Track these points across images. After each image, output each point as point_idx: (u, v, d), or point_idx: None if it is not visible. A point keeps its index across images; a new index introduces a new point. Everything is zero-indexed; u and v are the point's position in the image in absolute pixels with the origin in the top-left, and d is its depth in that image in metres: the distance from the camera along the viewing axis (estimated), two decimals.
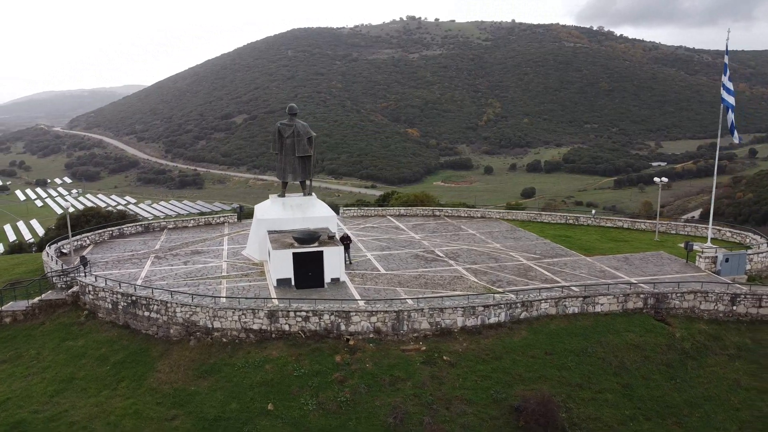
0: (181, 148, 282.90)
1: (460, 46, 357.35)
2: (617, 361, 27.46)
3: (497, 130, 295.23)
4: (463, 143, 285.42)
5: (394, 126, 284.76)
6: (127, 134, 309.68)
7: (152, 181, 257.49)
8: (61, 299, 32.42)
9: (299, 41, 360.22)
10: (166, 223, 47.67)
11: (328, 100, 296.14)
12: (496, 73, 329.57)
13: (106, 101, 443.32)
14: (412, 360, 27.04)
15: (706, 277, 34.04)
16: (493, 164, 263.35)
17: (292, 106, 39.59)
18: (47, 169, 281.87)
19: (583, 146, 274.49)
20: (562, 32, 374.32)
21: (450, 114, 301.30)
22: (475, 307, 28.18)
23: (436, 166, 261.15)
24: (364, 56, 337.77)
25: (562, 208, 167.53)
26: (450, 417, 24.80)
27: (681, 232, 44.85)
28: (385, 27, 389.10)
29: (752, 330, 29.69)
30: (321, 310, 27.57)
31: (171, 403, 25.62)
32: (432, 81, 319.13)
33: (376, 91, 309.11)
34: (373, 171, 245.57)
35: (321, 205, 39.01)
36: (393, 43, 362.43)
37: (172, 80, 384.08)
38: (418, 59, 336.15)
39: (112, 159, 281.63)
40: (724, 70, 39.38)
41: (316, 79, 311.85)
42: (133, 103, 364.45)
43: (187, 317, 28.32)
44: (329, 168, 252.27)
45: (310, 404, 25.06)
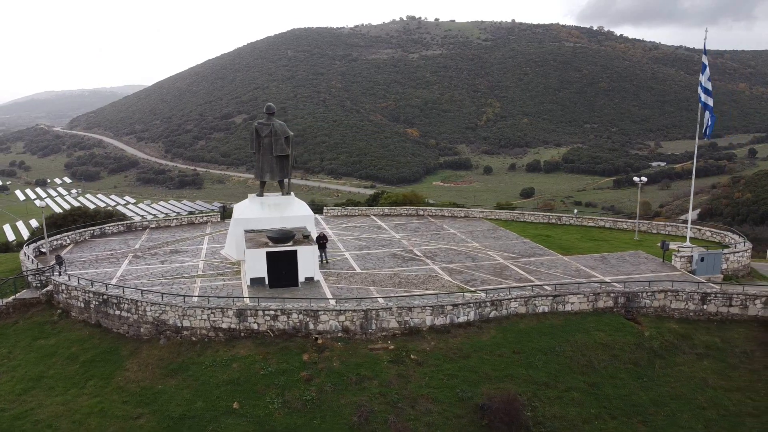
0: (181, 148, 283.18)
1: (460, 46, 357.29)
2: (585, 360, 27.50)
3: (497, 130, 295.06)
4: (463, 143, 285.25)
5: (393, 126, 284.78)
6: (126, 134, 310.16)
7: (152, 181, 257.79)
8: (36, 298, 32.57)
9: (299, 41, 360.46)
10: (148, 223, 47.80)
11: (328, 100, 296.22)
12: (496, 73, 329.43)
13: (106, 101, 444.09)
14: (380, 359, 27.09)
15: (681, 276, 34.02)
16: (493, 164, 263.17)
17: (269, 106, 39.69)
18: (47, 169, 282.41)
19: (583, 146, 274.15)
20: (562, 32, 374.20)
21: (449, 114, 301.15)
22: (444, 306, 28.23)
23: (436, 166, 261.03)
24: (364, 56, 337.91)
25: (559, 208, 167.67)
26: (415, 416, 24.85)
27: (662, 231, 44.83)
28: (385, 27, 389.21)
29: (722, 329, 29.69)
30: (289, 309, 27.64)
31: (137, 401, 25.71)
32: (432, 81, 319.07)
33: (376, 91, 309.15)
34: (372, 171, 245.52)
35: (299, 205, 39.08)
36: (393, 43, 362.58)
37: (172, 80, 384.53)
38: (417, 59, 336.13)
39: (112, 159, 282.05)
40: (702, 70, 39.50)
41: (315, 79, 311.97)
42: (133, 103, 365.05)
43: (156, 316, 28.40)
44: (328, 168, 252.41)
45: (276, 403, 25.13)
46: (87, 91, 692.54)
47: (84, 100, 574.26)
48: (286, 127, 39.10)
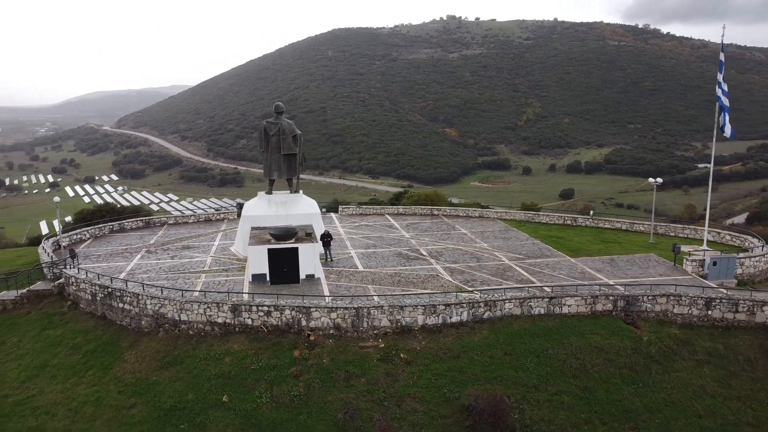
0: (223, 147, 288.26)
1: (501, 45, 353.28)
2: (578, 364, 27.04)
3: (537, 130, 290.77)
4: (502, 143, 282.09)
5: (432, 126, 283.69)
6: (171, 133, 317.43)
7: (194, 179, 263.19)
8: (48, 290, 33.82)
9: (339, 41, 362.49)
10: (166, 219, 48.97)
11: (367, 99, 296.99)
12: (537, 72, 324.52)
13: (152, 101, 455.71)
14: (369, 357, 27.21)
15: (691, 281, 33.08)
16: (532, 165, 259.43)
17: (278, 105, 40.21)
18: (95, 166, 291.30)
19: (626, 147, 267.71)
20: (606, 30, 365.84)
21: (488, 114, 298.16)
22: (436, 305, 28.16)
23: (474, 166, 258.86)
24: (404, 56, 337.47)
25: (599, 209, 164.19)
26: (400, 414, 24.90)
27: (680, 234, 43.60)
28: (425, 27, 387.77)
29: (726, 336, 28.75)
30: (282, 306, 28.00)
31: (131, 392, 26.48)
32: (471, 80, 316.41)
33: (415, 90, 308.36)
34: (409, 171, 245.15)
35: (306, 203, 39.51)
36: (432, 42, 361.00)
37: (215, 80, 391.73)
38: (457, 59, 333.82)
39: (157, 157, 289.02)
40: (720, 68, 38.51)
41: (355, 79, 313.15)
42: (177, 103, 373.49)
43: (156, 309, 29.16)
44: (366, 167, 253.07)
45: (264, 397, 25.52)
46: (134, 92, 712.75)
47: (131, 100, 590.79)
48: (294, 126, 39.58)
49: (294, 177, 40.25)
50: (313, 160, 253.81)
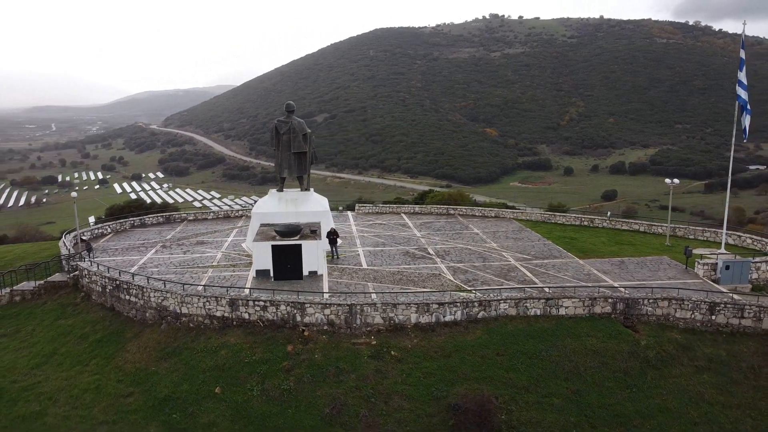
0: (265, 146, 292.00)
1: (544, 44, 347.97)
2: (571, 366, 26.65)
3: (580, 130, 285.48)
4: (543, 143, 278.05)
5: (472, 125, 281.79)
6: (215, 132, 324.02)
7: (236, 177, 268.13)
8: (64, 282, 35.20)
9: (381, 41, 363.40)
10: (186, 215, 50.23)
11: (407, 99, 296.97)
12: (581, 71, 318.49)
13: (198, 100, 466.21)
14: (361, 353, 27.44)
15: (701, 284, 32.18)
16: (574, 165, 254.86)
17: (289, 104, 40.79)
18: (143, 164, 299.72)
19: (673, 147, 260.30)
20: (653, 28, 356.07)
21: (530, 113, 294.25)
22: (430, 304, 28.18)
23: (514, 166, 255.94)
24: (445, 55, 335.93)
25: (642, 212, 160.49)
26: (387, 411, 25.06)
27: (699, 237, 42.34)
28: (467, 26, 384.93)
29: (730, 342, 27.87)
30: (278, 301, 28.49)
31: (130, 381, 27.41)
32: (513, 80, 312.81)
33: (456, 90, 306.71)
34: (448, 170, 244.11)
35: (315, 201, 39.97)
36: (474, 41, 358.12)
37: (258, 80, 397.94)
38: (499, 58, 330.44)
39: (201, 155, 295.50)
40: (740, 66, 37.41)
41: (396, 78, 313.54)
42: (222, 102, 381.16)
43: (159, 302, 30.05)
44: (405, 167, 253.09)
45: (255, 390, 26.05)
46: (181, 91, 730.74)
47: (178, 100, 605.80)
48: (304, 124, 40.09)
49: (304, 175, 40.73)
50: (353, 159, 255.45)
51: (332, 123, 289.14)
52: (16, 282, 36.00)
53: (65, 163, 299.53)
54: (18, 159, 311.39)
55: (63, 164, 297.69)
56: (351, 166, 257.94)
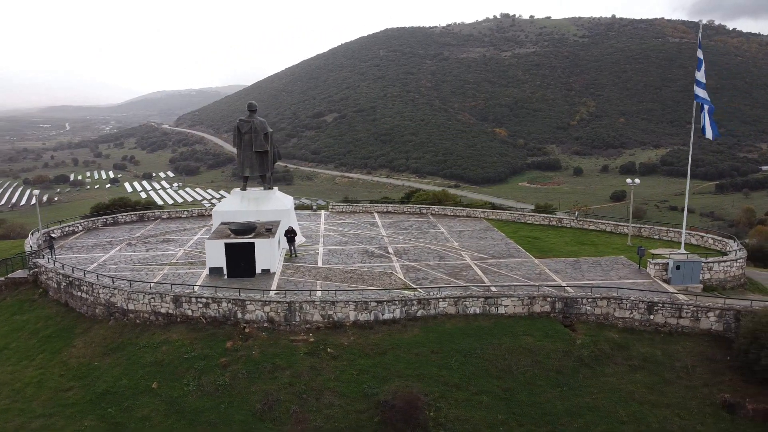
0: None
1: (555, 43, 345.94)
2: (504, 364, 26.77)
3: (590, 129, 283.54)
4: (553, 143, 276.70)
5: (481, 125, 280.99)
6: (226, 131, 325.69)
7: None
8: (24, 278, 35.89)
9: (391, 41, 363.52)
10: (160, 214, 50.90)
11: (417, 99, 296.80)
12: (592, 70, 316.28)
13: (210, 100, 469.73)
14: (298, 350, 27.75)
15: (650, 284, 32.13)
16: (584, 165, 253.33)
17: (251, 103, 41.26)
18: (154, 163, 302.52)
19: (684, 148, 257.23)
20: (666, 27, 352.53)
21: (540, 113, 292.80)
22: (368, 302, 28.42)
23: (523, 166, 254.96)
24: (455, 55, 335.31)
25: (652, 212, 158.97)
26: (317, 408, 25.35)
27: (663, 237, 42.13)
28: (478, 25, 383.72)
29: (667, 341, 27.82)
30: (219, 298, 28.90)
31: (72, 375, 27.95)
32: (523, 79, 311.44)
33: (465, 90, 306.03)
34: (457, 170, 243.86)
35: (277, 199, 40.33)
36: (485, 41, 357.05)
37: (269, 80, 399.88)
38: (510, 57, 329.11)
39: (211, 155, 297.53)
40: (698, 65, 37.37)
41: (405, 78, 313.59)
42: (233, 102, 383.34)
43: (107, 298, 30.61)
44: (413, 167, 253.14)
45: (192, 385, 26.45)
46: (194, 91, 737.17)
47: (191, 99, 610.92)
48: (266, 124, 40.50)
49: (267, 174, 41.11)
50: (362, 159, 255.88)
51: (342, 123, 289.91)
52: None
53: (78, 162, 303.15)
54: (32, 158, 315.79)
55: (75, 163, 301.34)
56: (360, 165, 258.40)
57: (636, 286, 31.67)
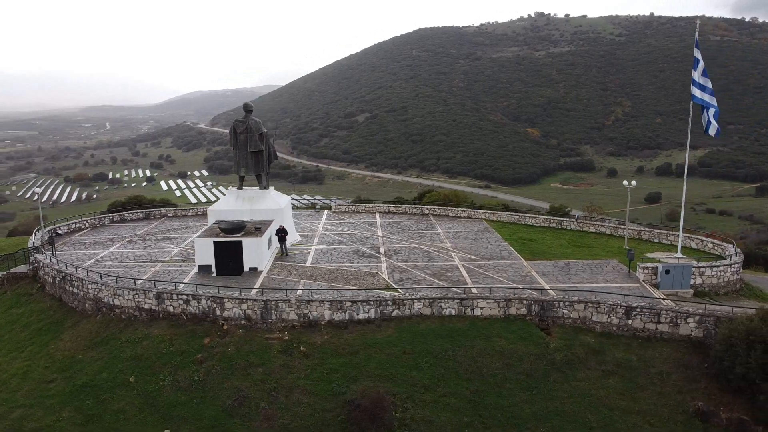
0: (306, 145, 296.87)
1: (591, 42, 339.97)
2: (474, 367, 26.65)
3: (625, 130, 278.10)
4: (587, 144, 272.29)
5: (513, 125, 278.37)
6: None
7: (277, 176, 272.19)
8: (25, 273, 37.16)
9: (424, 41, 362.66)
10: (166, 212, 51.97)
11: (449, 99, 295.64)
12: (628, 69, 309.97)
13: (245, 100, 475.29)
14: (272, 348, 28.11)
15: (637, 289, 31.52)
16: (618, 166, 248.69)
17: (246, 104, 41.80)
18: (189, 162, 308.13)
19: (723, 149, 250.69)
20: (707, 25, 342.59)
21: (574, 113, 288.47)
22: (343, 302, 28.61)
23: (555, 167, 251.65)
24: (488, 54, 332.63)
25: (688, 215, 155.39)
26: (286, 405, 25.71)
27: (663, 240, 41.17)
28: (512, 24, 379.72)
29: (644, 347, 27.25)
30: (199, 295, 29.47)
31: (56, 368, 28.89)
32: (557, 79, 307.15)
33: (498, 89, 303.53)
34: (487, 171, 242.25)
35: (272, 199, 40.78)
36: (519, 40, 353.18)
37: (303, 80, 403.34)
38: (543, 57, 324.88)
39: None
40: (695, 65, 36.65)
41: (437, 78, 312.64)
42: (267, 102, 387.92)
43: (95, 294, 31.50)
44: (444, 167, 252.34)
45: (167, 380, 27.08)
46: (230, 91, 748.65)
47: (227, 99, 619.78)
48: (261, 124, 41.02)
49: (262, 173, 41.65)
50: (392, 159, 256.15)
51: (373, 123, 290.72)
52: None
53: (116, 160, 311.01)
54: (73, 156, 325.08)
55: (114, 162, 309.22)
56: (390, 165, 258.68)
57: (622, 290, 31.13)
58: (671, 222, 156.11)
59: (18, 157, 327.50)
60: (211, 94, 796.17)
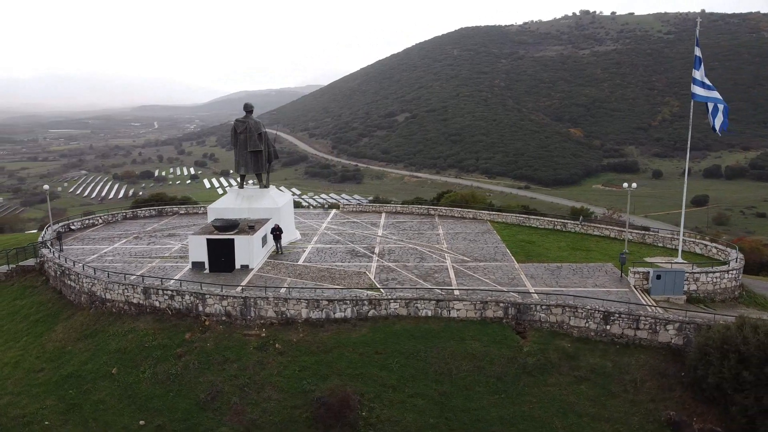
0: (346, 145, 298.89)
1: (637, 40, 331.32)
2: (445, 368, 26.53)
3: (672, 131, 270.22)
4: (632, 145, 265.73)
5: (555, 125, 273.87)
6: (301, 131, 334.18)
7: (317, 175, 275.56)
8: (32, 266, 38.71)
9: (466, 40, 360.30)
10: (178, 209, 53.21)
11: (489, 98, 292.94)
12: (677, 68, 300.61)
13: (288, 100, 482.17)
14: (248, 344, 28.61)
15: (626, 294, 30.78)
16: (663, 168, 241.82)
17: (247, 104, 42.41)
18: (232, 161, 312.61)
19: None
20: (761, 22, 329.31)
21: (619, 113, 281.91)
22: (320, 300, 28.87)
23: (597, 168, 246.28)
24: (531, 54, 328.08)
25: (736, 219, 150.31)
26: (256, 401, 26.15)
27: (668, 245, 39.96)
28: (556, 23, 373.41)
29: (621, 353, 26.60)
30: (183, 291, 30.19)
31: (46, 358, 30.06)
32: (602, 78, 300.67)
33: (540, 89, 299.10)
34: (527, 171, 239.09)
35: (270, 198, 41.33)
36: (563, 39, 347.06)
37: (344, 80, 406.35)
38: (588, 55, 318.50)
39: (285, 153, 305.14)
40: (695, 64, 35.77)
41: (478, 77, 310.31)
42: (308, 102, 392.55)
43: (89, 288, 32.61)
44: (483, 167, 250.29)
45: (147, 373, 27.89)
46: (273, 91, 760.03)
47: (270, 99, 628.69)
48: (260, 124, 41.59)
49: (262, 172, 42.27)
50: (431, 159, 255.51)
51: (412, 122, 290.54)
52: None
53: (162, 158, 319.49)
54: (122, 154, 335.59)
55: (160, 160, 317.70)
56: (429, 165, 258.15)
57: (609, 294, 30.44)
58: (718, 226, 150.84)
59: (71, 155, 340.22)
60: (255, 94, 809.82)
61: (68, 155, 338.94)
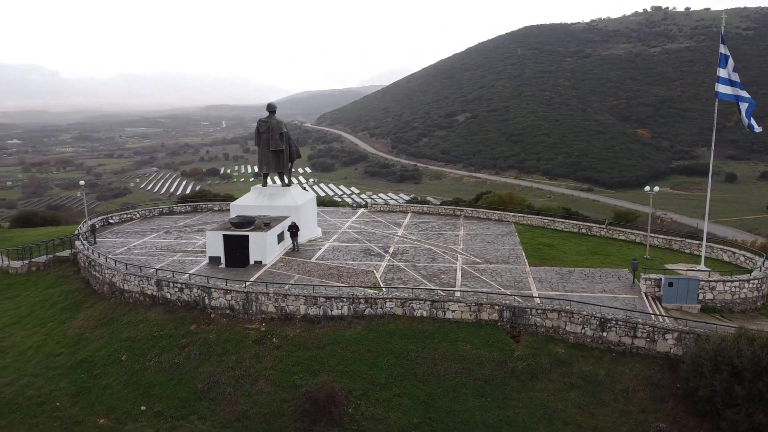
0: (405, 145, 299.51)
1: (713, 37, 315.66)
2: (433, 369, 26.54)
3: (749, 132, 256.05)
4: (704, 146, 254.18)
5: (621, 126, 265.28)
6: (361, 130, 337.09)
7: (376, 174, 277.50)
8: (67, 257, 41.05)
9: (530, 39, 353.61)
10: (212, 206, 54.97)
11: (553, 98, 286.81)
12: (756, 66, 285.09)
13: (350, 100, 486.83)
14: (248, 338, 29.47)
15: (634, 301, 29.86)
16: (738, 171, 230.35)
17: (270, 104, 43.41)
18: None
19: None
20: None
21: (690, 114, 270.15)
22: (317, 297, 29.40)
23: (666, 170, 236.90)
24: (598, 52, 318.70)
25: None
26: (249, 393, 26.99)
27: (695, 252, 38.26)
28: (625, 20, 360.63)
29: (616, 362, 25.84)
30: (191, 284, 31.39)
31: (65, 343, 31.92)
32: (673, 77, 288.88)
33: (607, 88, 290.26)
34: (590, 173, 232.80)
35: (291, 196, 42.17)
36: (632, 36, 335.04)
37: (406, 80, 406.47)
38: (659, 53, 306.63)
39: (346, 153, 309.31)
40: (721, 62, 34.46)
41: (542, 77, 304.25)
42: (370, 102, 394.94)
43: (110, 279, 34.36)
44: (544, 168, 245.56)
45: (153, 361, 29.23)
46: (337, 91, 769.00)
47: (333, 99, 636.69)
48: (282, 124, 42.50)
49: (284, 171, 43.20)
50: (491, 159, 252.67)
51: (473, 123, 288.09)
52: (31, 255, 42.51)
53: (228, 156, 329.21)
54: (191, 152, 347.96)
55: (226, 158, 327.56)
56: (488, 166, 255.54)
57: (616, 301, 29.60)
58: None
59: (143, 152, 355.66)
60: (319, 93, 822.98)
61: (141, 152, 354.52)
